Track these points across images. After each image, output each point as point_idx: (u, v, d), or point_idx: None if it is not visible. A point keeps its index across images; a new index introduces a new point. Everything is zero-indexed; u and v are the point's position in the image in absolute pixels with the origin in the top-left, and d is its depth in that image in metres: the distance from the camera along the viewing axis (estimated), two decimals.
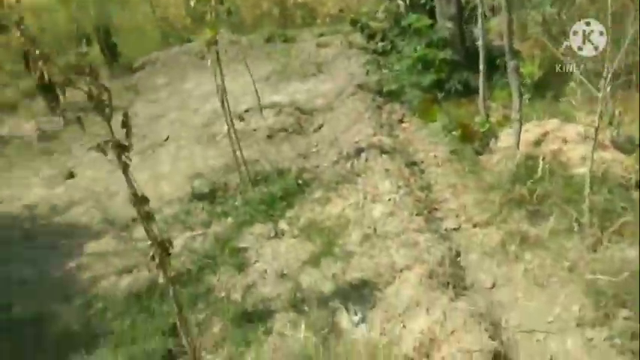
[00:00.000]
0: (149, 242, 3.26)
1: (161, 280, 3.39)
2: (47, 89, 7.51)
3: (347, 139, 5.84)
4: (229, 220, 4.90)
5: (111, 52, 8.82)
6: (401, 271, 3.98)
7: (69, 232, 5.07)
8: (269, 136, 6.23)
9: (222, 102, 5.12)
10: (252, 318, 3.74)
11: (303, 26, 9.36)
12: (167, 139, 6.57)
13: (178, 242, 4.62)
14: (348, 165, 5.38)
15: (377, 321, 3.64)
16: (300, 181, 5.22)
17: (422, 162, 5.59)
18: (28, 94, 7.60)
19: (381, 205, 4.71)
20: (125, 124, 3.12)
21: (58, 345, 3.69)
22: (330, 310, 3.77)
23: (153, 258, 3.30)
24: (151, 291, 4.09)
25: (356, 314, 3.74)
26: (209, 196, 5.29)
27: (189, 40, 9.35)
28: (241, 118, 6.25)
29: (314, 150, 5.99)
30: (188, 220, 4.95)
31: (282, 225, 4.72)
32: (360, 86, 6.86)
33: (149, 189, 5.56)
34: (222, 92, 5.05)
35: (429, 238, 4.26)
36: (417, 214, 4.55)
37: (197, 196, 5.27)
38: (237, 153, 5.23)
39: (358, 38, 8.35)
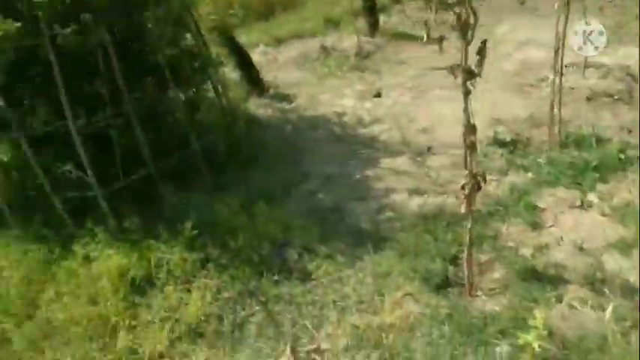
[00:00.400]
0: (465, 172, 3.33)
1: (462, 210, 3.47)
2: (371, 11, 8.20)
3: None
4: (529, 174, 4.67)
5: None
6: None
7: (369, 144, 5.61)
8: (588, 98, 5.60)
9: (557, 50, 4.73)
10: (542, 278, 3.56)
11: None
12: None
13: None
14: None
15: None
16: (622, 156, 4.60)
17: None
18: (353, 13, 8.38)
19: None
20: (481, 52, 3.13)
21: (353, 234, 4.19)
22: (635, 302, 3.33)
23: (463, 187, 3.38)
24: (438, 217, 4.25)
25: None
26: (509, 145, 5.12)
27: None
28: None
29: None
30: (484, 163, 4.89)
31: (591, 197, 4.27)
32: None
33: (448, 124, 5.70)
34: (562, 39, 4.65)
35: None
36: None
37: (497, 142, 5.15)
38: (555, 109, 4.85)
39: None
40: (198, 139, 4.91)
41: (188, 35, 5.20)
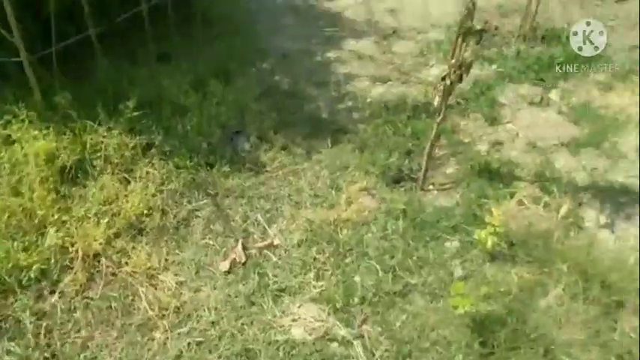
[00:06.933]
0: (452, 61, 2.91)
1: (436, 103, 3.11)
2: None
3: None
4: (493, 67, 4.29)
5: None
6: None
7: (333, 21, 4.93)
8: None
9: None
10: (495, 175, 3.37)
11: None
12: None
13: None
14: None
15: (630, 233, 3.05)
16: None
17: None
18: None
19: None
20: None
21: (310, 124, 3.77)
22: (577, 201, 3.25)
23: (444, 78, 2.98)
24: (400, 108, 3.89)
25: (607, 218, 3.19)
26: (477, 35, 4.62)
27: None
28: None
29: (610, 24, 4.78)
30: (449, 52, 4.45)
31: (552, 95, 4.00)
32: None
33: (417, 5, 5.09)
34: None
35: None
36: None
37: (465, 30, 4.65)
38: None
39: None
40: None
41: None
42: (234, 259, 2.73)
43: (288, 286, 2.62)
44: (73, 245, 2.61)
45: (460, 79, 2.93)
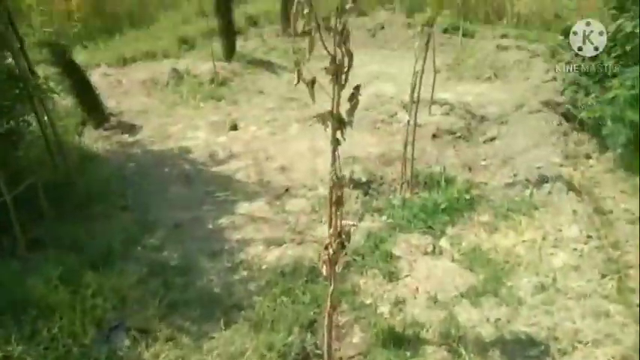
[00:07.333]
0: (329, 233, 2.84)
1: (324, 272, 2.98)
2: (228, 33, 7.41)
3: (525, 162, 5.00)
4: (383, 218, 4.39)
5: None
6: (585, 344, 3.21)
7: (225, 185, 4.90)
8: (434, 136, 5.56)
9: (413, 90, 4.52)
10: (400, 340, 3.21)
11: (485, 22, 8.38)
12: None
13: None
14: (526, 193, 4.58)
15: None
16: (467, 197, 4.53)
17: (611, 212, 4.60)
18: (207, 35, 7.55)
19: (563, 254, 3.90)
20: (353, 98, 2.64)
21: (202, 303, 3.47)
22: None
23: (327, 247, 2.89)
24: (297, 273, 3.74)
25: None
26: (364, 186, 4.80)
27: (365, 14, 8.83)
28: (407, 110, 5.67)
29: (483, 163, 5.24)
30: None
31: (443, 243, 4.10)
32: (547, 104, 5.87)
33: (306, 162, 5.25)
34: (419, 78, 4.46)
35: (622, 312, 3.42)
36: (608, 278, 3.69)
37: (352, 183, 4.80)
38: (409, 147, 4.62)
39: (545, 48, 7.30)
40: (13, 184, 3.75)
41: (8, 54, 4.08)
42: None
43: None
44: None
45: (342, 246, 2.86)
